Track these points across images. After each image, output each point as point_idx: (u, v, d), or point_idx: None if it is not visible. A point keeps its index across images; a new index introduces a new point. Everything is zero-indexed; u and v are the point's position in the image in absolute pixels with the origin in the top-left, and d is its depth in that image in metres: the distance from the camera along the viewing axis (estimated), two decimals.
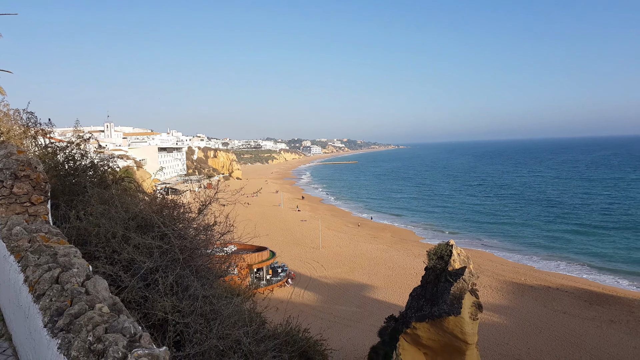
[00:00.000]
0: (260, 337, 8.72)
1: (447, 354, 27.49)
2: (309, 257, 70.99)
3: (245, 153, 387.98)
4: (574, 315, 46.97)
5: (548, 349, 39.26)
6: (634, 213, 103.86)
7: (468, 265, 28.01)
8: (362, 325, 44.38)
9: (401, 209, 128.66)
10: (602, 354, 38.20)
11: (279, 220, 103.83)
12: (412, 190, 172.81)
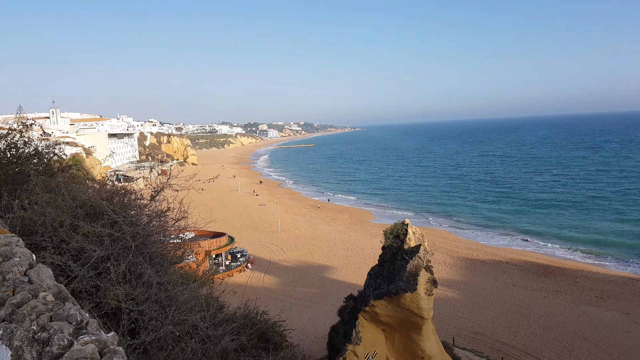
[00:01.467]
0: (218, 322, 8.69)
1: (404, 329, 28.36)
2: (269, 241, 70.95)
3: (200, 138, 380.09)
4: (523, 287, 49.38)
5: (499, 320, 41.20)
6: (575, 190, 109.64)
7: (423, 243, 28.81)
8: (322, 306, 44.99)
9: (358, 191, 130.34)
10: (549, 322, 40.46)
11: (237, 205, 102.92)
12: (367, 172, 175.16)
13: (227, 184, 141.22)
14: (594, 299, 45.38)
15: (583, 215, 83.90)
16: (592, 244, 66.22)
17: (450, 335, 37.18)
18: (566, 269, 55.10)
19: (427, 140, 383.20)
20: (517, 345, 36.44)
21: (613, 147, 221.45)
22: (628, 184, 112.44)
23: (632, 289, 47.73)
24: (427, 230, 69.62)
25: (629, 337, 37.22)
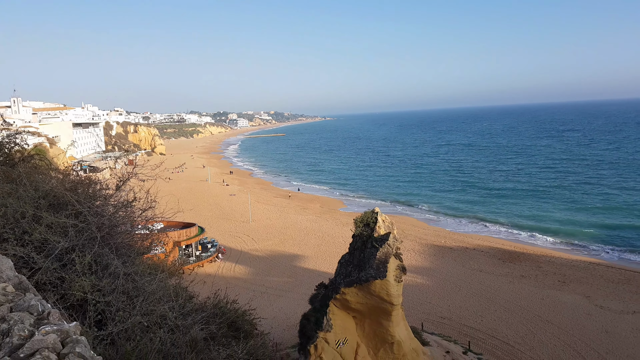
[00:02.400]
0: (187, 311, 8.64)
1: (374, 315, 28.82)
2: (240, 231, 70.59)
3: (168, 127, 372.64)
4: (489, 272, 50.80)
5: (467, 305, 42.32)
6: (538, 178, 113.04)
7: (392, 231, 29.23)
8: (293, 295, 45.19)
9: (328, 180, 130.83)
10: (514, 306, 41.82)
11: (207, 196, 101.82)
12: (337, 162, 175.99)
13: (196, 174, 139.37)
14: (556, 283, 47.09)
15: (546, 203, 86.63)
16: (555, 231, 68.57)
17: (419, 320, 37.98)
18: (530, 255, 56.92)
19: (396, 130, 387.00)
20: (483, 329, 37.54)
21: (576, 135, 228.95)
22: (590, 172, 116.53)
23: (592, 273, 49.75)
24: (397, 219, 70.58)
25: (590, 319, 38.85)
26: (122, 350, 6.52)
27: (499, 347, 34.70)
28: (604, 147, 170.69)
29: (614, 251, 58.60)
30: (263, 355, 9.84)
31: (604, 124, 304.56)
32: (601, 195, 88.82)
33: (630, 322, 37.85)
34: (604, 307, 40.87)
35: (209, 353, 7.94)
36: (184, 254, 55.84)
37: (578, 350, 33.78)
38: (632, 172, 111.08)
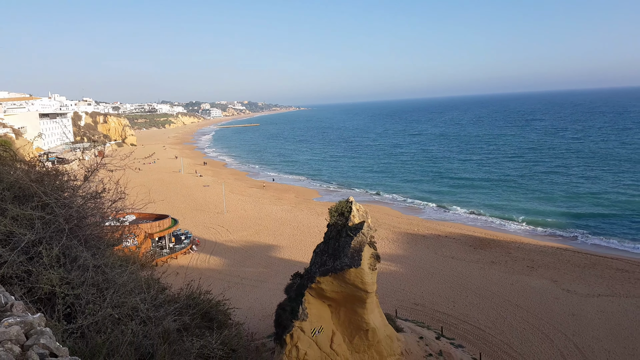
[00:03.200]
0: (159, 303, 8.54)
1: (349, 303, 29.12)
2: (214, 223, 70.02)
3: (139, 117, 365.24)
4: (460, 259, 51.85)
5: (439, 291, 43.16)
6: (507, 167, 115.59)
7: (366, 219, 29.49)
8: (269, 285, 45.22)
9: (302, 170, 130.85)
10: (485, 291, 42.86)
11: (180, 187, 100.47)
12: (311, 152, 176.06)
13: (169, 165, 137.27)
14: (525, 269, 48.43)
15: (515, 191, 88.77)
16: (524, 218, 70.40)
17: (393, 307, 38.58)
18: (500, 241, 58.32)
19: (369, 120, 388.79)
20: (455, 315, 38.38)
21: (543, 125, 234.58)
22: (557, 161, 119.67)
23: (560, 258, 51.34)
24: (371, 208, 71.27)
25: (557, 302, 40.15)
26: (92, 343, 6.41)
27: (470, 331, 35.57)
28: (570, 136, 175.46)
29: (580, 237, 60.56)
30: (238, 345, 9.84)
31: (571, 113, 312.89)
32: (567, 184, 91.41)
33: (595, 305, 39.29)
34: (571, 291, 42.29)
35: (182, 344, 7.88)
36: (157, 246, 55.15)
37: (546, 333, 34.91)
38: (596, 161, 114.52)
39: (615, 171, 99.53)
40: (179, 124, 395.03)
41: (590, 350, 32.41)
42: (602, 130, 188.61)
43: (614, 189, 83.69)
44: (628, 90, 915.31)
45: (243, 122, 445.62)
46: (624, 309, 38.38)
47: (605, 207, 72.82)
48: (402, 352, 30.68)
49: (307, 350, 28.08)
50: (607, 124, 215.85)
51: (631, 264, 49.01)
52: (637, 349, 32.24)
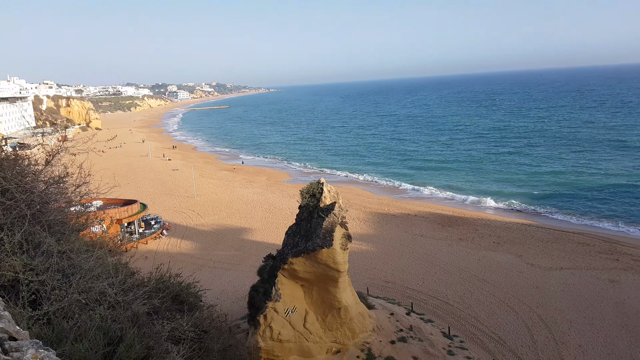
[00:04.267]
0: (128, 287, 8.45)
1: (322, 283, 29.46)
2: (184, 207, 69.21)
3: (104, 101, 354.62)
4: (429, 237, 52.98)
5: (409, 269, 44.08)
6: (473, 148, 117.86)
7: (338, 200, 29.71)
8: (242, 267, 45.24)
9: (273, 152, 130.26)
10: (453, 267, 44.00)
11: (149, 171, 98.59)
12: (282, 134, 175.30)
13: (136, 149, 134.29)
14: (492, 244, 49.90)
15: (481, 170, 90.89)
16: (490, 196, 72.25)
17: (365, 285, 39.24)
18: (468, 219, 59.77)
19: (338, 101, 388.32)
20: (425, 291, 39.35)
21: (509, 104, 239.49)
22: (522, 141, 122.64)
23: (524, 234, 53.05)
24: (342, 189, 71.71)
25: (522, 276, 41.61)
26: (58, 329, 6.32)
27: (439, 306, 36.58)
28: (535, 115, 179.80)
29: (543, 213, 62.70)
30: (209, 326, 9.86)
31: (535, 93, 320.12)
32: (531, 163, 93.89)
33: (557, 278, 40.93)
34: (535, 265, 43.88)
35: (153, 327, 7.85)
36: (126, 231, 54.26)
37: (511, 306, 36.22)
38: (559, 141, 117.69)
39: (576, 150, 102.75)
40: (145, 107, 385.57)
41: (553, 321, 33.84)
42: (565, 109, 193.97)
43: (576, 168, 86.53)
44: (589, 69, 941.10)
45: (211, 104, 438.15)
46: (584, 280, 40.12)
47: (567, 185, 75.35)
48: (374, 329, 31.36)
49: (280, 330, 28.39)
50: (569, 103, 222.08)
51: (592, 238, 51.11)
52: (597, 319, 33.86)
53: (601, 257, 45.36)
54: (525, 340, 31.51)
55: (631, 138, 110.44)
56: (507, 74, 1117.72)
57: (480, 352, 30.22)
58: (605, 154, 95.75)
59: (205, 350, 8.79)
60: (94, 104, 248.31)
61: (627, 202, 64.45)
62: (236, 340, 11.65)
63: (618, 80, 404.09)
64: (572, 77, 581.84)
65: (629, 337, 31.29)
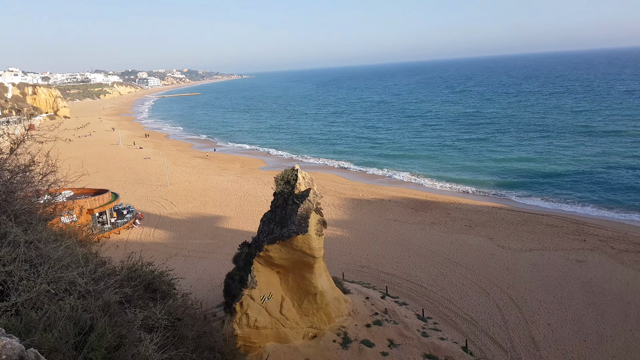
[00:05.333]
0: (99, 276, 8.31)
1: (297, 269, 29.62)
2: (157, 196, 68.20)
3: (72, 88, 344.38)
4: (403, 221, 53.68)
5: (384, 253, 44.65)
6: (445, 133, 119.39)
7: (312, 187, 29.77)
8: (217, 256, 45.03)
9: (246, 140, 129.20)
10: (427, 251, 44.78)
11: (120, 160, 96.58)
12: (254, 121, 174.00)
13: (106, 137, 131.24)
14: (464, 228, 50.92)
15: (453, 156, 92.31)
16: (462, 180, 73.65)
17: (340, 270, 39.61)
18: (440, 203, 60.76)
19: (312, 88, 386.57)
20: (399, 274, 39.98)
21: (480, 90, 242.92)
22: (492, 127, 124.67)
23: (495, 217, 54.28)
24: (316, 175, 71.91)
25: (493, 258, 42.67)
26: (26, 320, 6.19)
27: (413, 289, 37.26)
28: (505, 101, 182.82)
29: (513, 197, 64.22)
30: (183, 314, 9.82)
31: (506, 78, 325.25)
32: (502, 148, 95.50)
33: (527, 259, 42.13)
34: (505, 247, 45.04)
35: (125, 315, 7.77)
36: (97, 221, 53.24)
37: (483, 287, 37.16)
38: (528, 127, 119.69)
39: (544, 136, 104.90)
40: (114, 94, 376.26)
41: (524, 300, 34.89)
42: (533, 94, 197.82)
43: (544, 154, 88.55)
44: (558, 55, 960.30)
45: (183, 91, 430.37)
46: (553, 261, 41.41)
47: (535, 170, 77.13)
48: (350, 313, 31.77)
49: (257, 317, 28.49)
50: (538, 88, 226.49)
51: (560, 220, 52.68)
52: (565, 298, 35.06)
53: (569, 238, 46.85)
54: (496, 320, 32.44)
55: (597, 124, 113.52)
56: (479, 59, 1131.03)
57: (453, 332, 30.99)
58: (572, 139, 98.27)
59: (179, 338, 8.75)
60: (61, 92, 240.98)
61: (593, 185, 66.55)
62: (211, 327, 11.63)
63: (586, 66, 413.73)
64: (541, 62, 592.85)
65: (596, 315, 32.54)
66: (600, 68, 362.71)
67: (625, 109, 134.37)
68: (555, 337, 30.29)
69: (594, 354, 28.46)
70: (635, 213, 55.33)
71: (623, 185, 65.36)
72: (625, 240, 45.78)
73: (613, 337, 29.99)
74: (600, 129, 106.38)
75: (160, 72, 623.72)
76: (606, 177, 69.41)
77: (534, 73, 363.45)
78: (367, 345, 28.61)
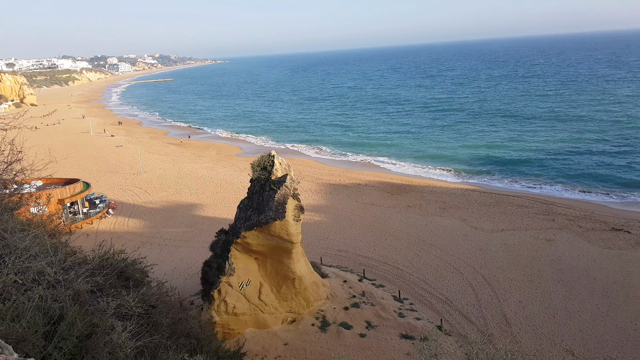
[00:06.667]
0: (69, 266, 8.18)
1: (275, 255, 29.70)
2: (130, 184, 67.05)
3: (38, 75, 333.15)
4: (379, 205, 54.21)
5: (361, 237, 45.10)
6: (418, 118, 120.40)
7: (289, 172, 29.73)
8: (194, 244, 44.72)
9: (222, 126, 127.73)
10: (402, 233, 45.40)
11: (91, 148, 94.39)
12: (228, 107, 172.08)
13: (76, 125, 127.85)
14: (438, 210, 51.75)
15: (427, 140, 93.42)
16: (436, 163, 74.77)
17: (318, 255, 39.90)
18: (415, 186, 61.51)
19: (287, 73, 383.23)
20: (376, 257, 40.51)
21: (454, 74, 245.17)
22: (464, 112, 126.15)
23: (468, 199, 55.29)
24: (293, 161, 71.74)
25: (466, 239, 43.56)
26: None
27: (390, 271, 37.83)
28: (477, 85, 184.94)
29: (485, 179, 65.53)
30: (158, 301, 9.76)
31: (477, 63, 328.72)
32: (473, 133, 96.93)
33: (499, 239, 43.16)
34: (478, 228, 46.00)
35: (97, 304, 7.68)
36: (69, 211, 52.15)
37: (457, 267, 37.98)
38: (498, 112, 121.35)
39: (515, 120, 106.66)
40: (84, 80, 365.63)
41: (496, 279, 35.83)
42: (504, 79, 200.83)
43: (514, 137, 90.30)
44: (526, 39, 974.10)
45: (156, 76, 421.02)
46: (524, 240, 42.55)
47: (506, 153, 78.63)
48: (328, 296, 32.12)
49: (235, 304, 28.55)
50: (508, 73, 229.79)
51: (530, 200, 54.02)
52: (535, 276, 36.13)
53: (538, 218, 48.13)
54: (470, 299, 33.26)
55: (564, 108, 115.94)
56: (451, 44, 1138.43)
57: (428, 312, 31.68)
58: (541, 124, 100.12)
59: (153, 325, 8.71)
60: (27, 79, 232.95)
61: (561, 167, 68.33)
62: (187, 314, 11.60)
63: (557, 51, 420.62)
64: (511, 47, 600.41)
65: (564, 291, 33.67)
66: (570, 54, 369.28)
67: (589, 93, 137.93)
68: (525, 313, 31.27)
69: (563, 328, 29.52)
70: (600, 193, 57.22)
71: (589, 167, 67.46)
72: (591, 219, 47.31)
73: (580, 311, 31.14)
74: (567, 113, 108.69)
75: (131, 57, 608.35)
76: (573, 159, 71.42)
77: (503, 57, 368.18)
78: (346, 328, 29.04)
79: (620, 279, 34.95)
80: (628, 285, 34.05)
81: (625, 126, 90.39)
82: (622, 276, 35.30)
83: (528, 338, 28.76)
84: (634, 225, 44.94)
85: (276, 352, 27.25)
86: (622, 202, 53.61)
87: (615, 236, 42.61)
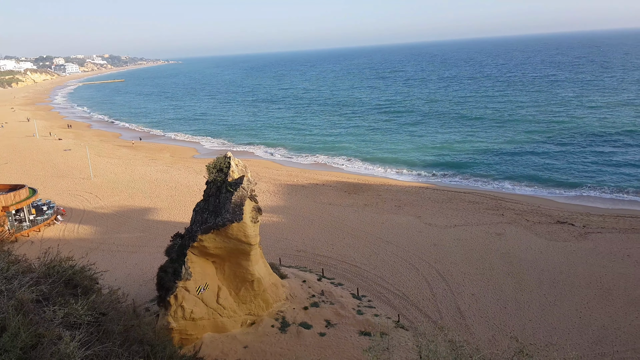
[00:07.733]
0: (12, 275, 7.85)
1: (233, 257, 29.42)
2: (80, 189, 64.60)
3: None
4: (337, 204, 54.68)
5: (319, 237, 45.35)
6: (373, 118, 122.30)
7: (246, 174, 29.52)
8: (148, 249, 43.63)
9: (174, 128, 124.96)
10: (360, 232, 45.98)
11: (37, 153, 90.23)
12: (183, 108, 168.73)
13: (20, 129, 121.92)
14: (394, 208, 52.75)
15: (382, 139, 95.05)
16: (390, 162, 76.28)
17: (277, 256, 39.84)
18: (371, 185, 62.45)
19: (241, 74, 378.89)
20: (334, 256, 40.85)
21: (407, 75, 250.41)
22: (417, 113, 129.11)
23: (422, 196, 56.66)
24: (250, 162, 71.35)
25: (421, 235, 44.63)
26: None
27: (348, 269, 38.26)
28: (429, 86, 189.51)
29: (438, 177, 67.43)
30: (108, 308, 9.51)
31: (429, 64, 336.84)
32: (425, 133, 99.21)
33: (452, 234, 44.48)
34: (432, 224, 47.23)
35: (42, 314, 7.42)
36: (14, 219, 49.71)
37: (412, 263, 38.86)
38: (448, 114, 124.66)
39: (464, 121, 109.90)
40: (28, 82, 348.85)
41: (450, 274, 36.92)
42: (452, 79, 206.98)
43: (464, 137, 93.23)
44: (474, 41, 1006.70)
45: (105, 77, 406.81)
46: (475, 235, 44.04)
47: (457, 152, 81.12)
48: (287, 297, 32.13)
49: (193, 309, 28.08)
50: (458, 73, 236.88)
51: (480, 196, 55.96)
52: (487, 269, 37.48)
53: (489, 213, 49.94)
54: (425, 294, 34.13)
55: (511, 109, 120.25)
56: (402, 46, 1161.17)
57: (386, 308, 32.27)
58: (488, 124, 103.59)
59: (104, 333, 8.49)
60: None
61: (509, 164, 71.27)
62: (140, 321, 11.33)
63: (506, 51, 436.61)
64: (461, 49, 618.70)
65: (514, 283, 35.11)
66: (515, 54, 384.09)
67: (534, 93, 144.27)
68: (478, 306, 32.40)
69: (513, 319, 30.80)
70: (545, 188, 60.04)
71: (534, 163, 70.88)
72: (537, 212, 49.55)
73: (529, 302, 32.57)
74: (513, 114, 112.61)
75: (79, 57, 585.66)
76: (519, 157, 74.70)
77: (453, 58, 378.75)
78: (305, 327, 29.15)
79: (565, 269, 36.79)
80: (573, 275, 35.89)
81: (567, 126, 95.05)
82: (567, 267, 37.17)
83: (481, 329, 29.83)
84: (577, 218, 47.42)
85: (236, 355, 27.02)
86: (566, 197, 56.42)
87: (560, 229, 44.81)
